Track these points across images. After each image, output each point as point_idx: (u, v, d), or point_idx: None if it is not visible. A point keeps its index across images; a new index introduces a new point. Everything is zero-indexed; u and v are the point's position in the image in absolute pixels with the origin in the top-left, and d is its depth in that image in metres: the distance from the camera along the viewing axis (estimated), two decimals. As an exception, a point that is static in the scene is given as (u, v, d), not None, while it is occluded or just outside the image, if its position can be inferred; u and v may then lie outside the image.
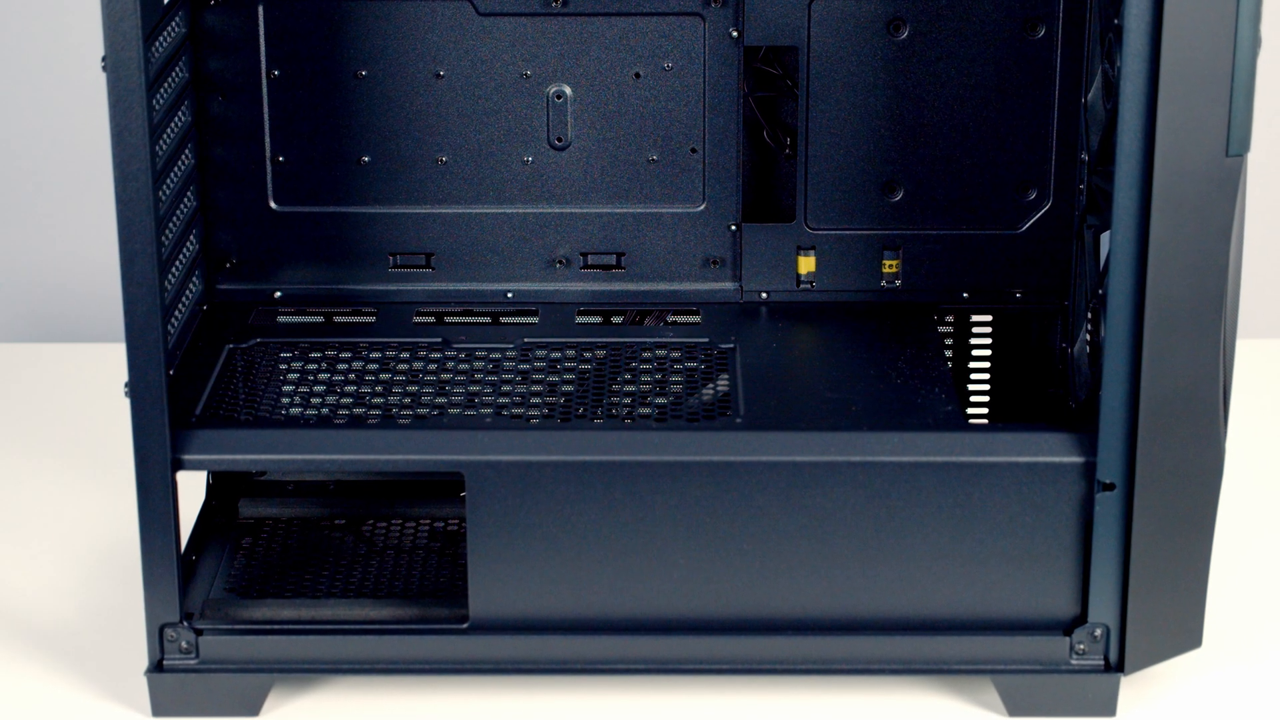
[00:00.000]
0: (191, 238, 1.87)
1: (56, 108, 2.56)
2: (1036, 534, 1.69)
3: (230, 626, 1.73)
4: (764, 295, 1.93)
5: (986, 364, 2.01)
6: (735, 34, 1.87)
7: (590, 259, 1.93)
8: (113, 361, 2.36)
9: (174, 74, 1.80)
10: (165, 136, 1.75)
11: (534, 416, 1.73)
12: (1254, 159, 2.17)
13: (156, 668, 1.71)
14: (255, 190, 1.91)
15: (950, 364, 1.99)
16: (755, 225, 1.92)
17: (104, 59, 1.58)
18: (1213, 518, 1.68)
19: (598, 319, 1.93)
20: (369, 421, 1.72)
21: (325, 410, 1.75)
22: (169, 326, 1.72)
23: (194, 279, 1.88)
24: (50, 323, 2.60)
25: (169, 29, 1.78)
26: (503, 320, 1.92)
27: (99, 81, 1.86)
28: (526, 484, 1.68)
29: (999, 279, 1.93)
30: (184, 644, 1.71)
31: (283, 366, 1.82)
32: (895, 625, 1.72)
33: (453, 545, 1.90)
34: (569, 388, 1.78)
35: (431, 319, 1.92)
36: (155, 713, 1.72)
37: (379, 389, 1.78)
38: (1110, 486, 1.67)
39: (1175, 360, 1.63)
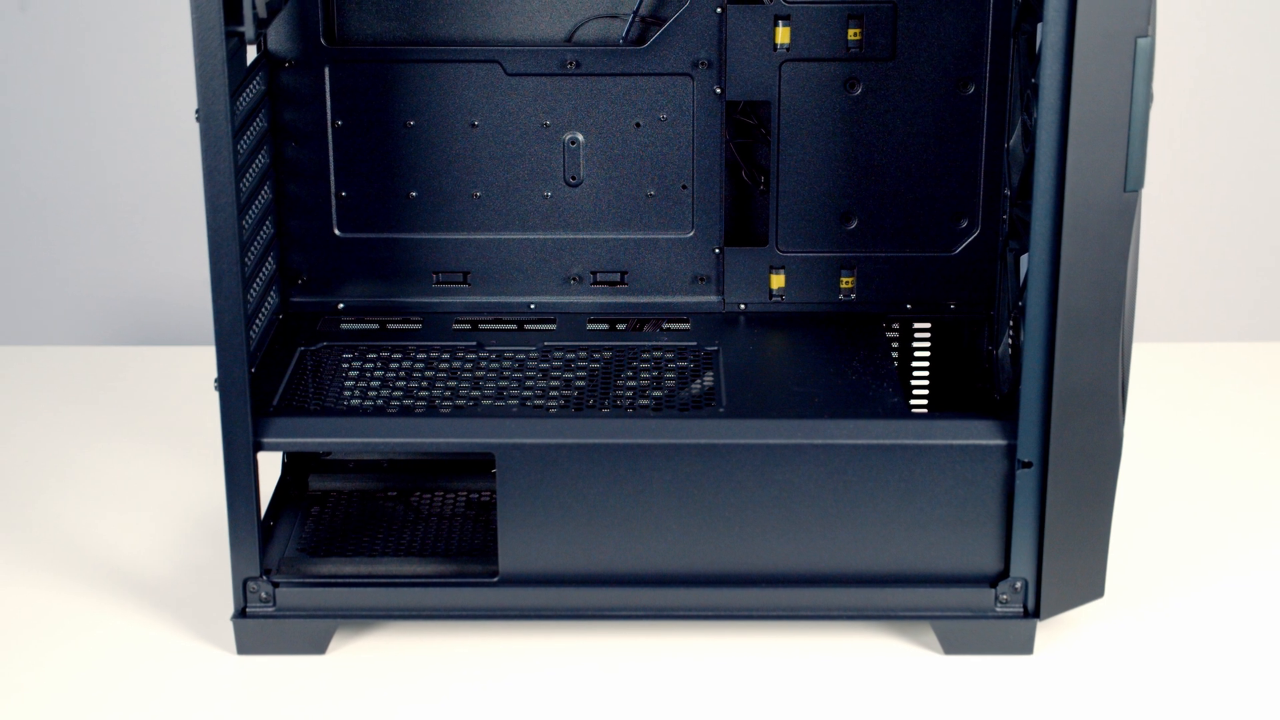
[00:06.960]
0: (269, 259, 1.87)
1: (158, 152, 2.55)
2: (967, 504, 1.69)
3: (301, 580, 1.73)
4: (742, 306, 1.93)
5: (926, 363, 2.00)
6: (719, 91, 1.87)
7: (599, 276, 1.93)
8: (204, 362, 2.36)
9: (255, 124, 1.80)
10: (247, 175, 1.75)
11: (553, 407, 1.73)
12: (1146, 194, 2.18)
13: (240, 614, 1.72)
14: (322, 220, 1.91)
15: (896, 363, 1.98)
16: (735, 248, 1.92)
17: (197, 111, 1.58)
18: (1113, 490, 1.68)
19: (605, 326, 1.93)
20: (416, 410, 1.72)
21: (380, 401, 1.74)
22: (251, 332, 1.71)
23: (272, 293, 1.88)
24: (152, 329, 2.60)
25: (251, 86, 1.78)
26: (526, 327, 1.91)
27: (193, 130, 1.86)
28: (547, 462, 1.68)
29: (936, 293, 1.92)
30: (263, 594, 1.71)
31: (345, 365, 1.82)
32: (851, 579, 1.72)
33: (485, 513, 1.89)
34: (581, 383, 1.78)
35: (468, 326, 1.92)
36: (240, 651, 1.73)
37: (424, 384, 1.78)
38: (1028, 464, 1.67)
39: (1082, 360, 1.63)
